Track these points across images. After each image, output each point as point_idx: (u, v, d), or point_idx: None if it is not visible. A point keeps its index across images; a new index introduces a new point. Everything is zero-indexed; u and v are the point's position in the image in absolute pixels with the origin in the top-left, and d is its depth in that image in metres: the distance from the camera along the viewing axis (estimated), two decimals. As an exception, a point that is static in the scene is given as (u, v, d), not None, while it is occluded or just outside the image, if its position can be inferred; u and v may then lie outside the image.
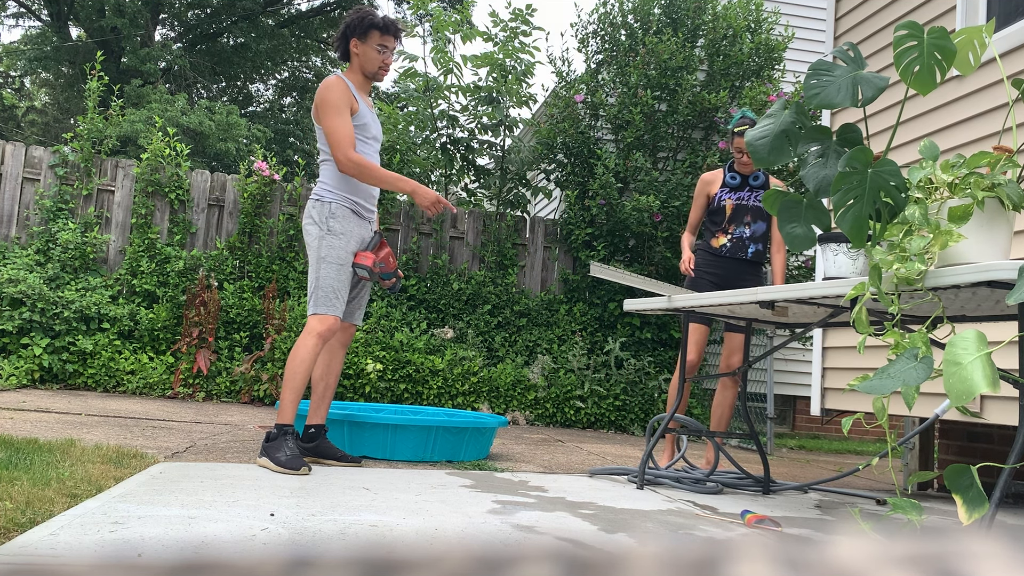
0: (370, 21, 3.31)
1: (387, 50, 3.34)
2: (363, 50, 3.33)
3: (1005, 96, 3.62)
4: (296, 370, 3.12)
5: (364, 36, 3.32)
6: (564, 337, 7.04)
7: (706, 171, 7.08)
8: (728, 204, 4.10)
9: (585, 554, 0.35)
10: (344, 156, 3.19)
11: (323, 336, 3.17)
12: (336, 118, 3.22)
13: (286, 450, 3.02)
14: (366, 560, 0.33)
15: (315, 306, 3.20)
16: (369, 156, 3.35)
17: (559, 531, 2.27)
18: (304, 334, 3.16)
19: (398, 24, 3.38)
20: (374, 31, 3.31)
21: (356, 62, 3.37)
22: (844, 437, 7.84)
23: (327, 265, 3.21)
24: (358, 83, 3.39)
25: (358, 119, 3.30)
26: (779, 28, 8.18)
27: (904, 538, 0.36)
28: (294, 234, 7.14)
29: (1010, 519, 3.20)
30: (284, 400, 3.14)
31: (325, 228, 3.22)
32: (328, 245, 3.22)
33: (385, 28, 3.32)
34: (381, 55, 3.33)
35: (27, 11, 19.79)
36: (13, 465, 2.54)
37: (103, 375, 6.00)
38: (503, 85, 7.49)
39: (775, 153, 2.30)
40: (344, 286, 3.24)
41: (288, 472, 2.95)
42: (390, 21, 3.35)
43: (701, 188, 4.23)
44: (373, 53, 3.32)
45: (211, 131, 15.31)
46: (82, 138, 6.84)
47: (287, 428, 3.10)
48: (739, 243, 4.09)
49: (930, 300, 2.18)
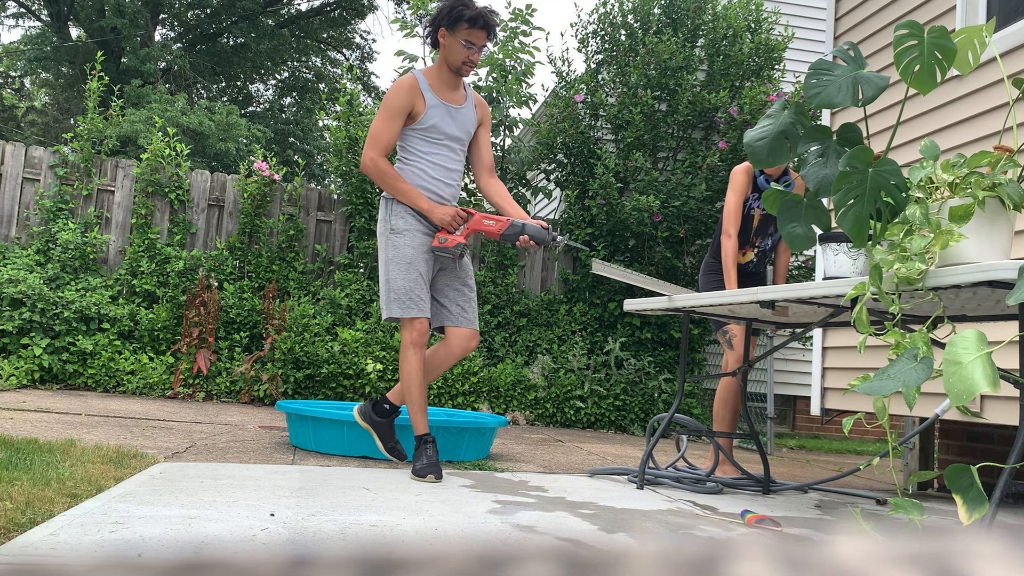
0: (460, 11, 3.11)
1: (473, 47, 3.14)
2: (449, 42, 3.15)
3: (1005, 96, 3.61)
4: (408, 386, 3.18)
5: (453, 27, 3.12)
6: (564, 337, 7.04)
7: (706, 171, 7.09)
8: (757, 214, 3.78)
9: (585, 554, 0.34)
10: (367, 156, 3.14)
11: (416, 343, 3.13)
12: (380, 119, 3.15)
13: (423, 458, 3.11)
14: (366, 560, 0.33)
15: (388, 309, 3.15)
16: (438, 156, 3.23)
17: (559, 531, 2.27)
18: (401, 349, 3.20)
19: (493, 20, 3.16)
20: (463, 24, 3.11)
21: (442, 53, 3.20)
22: (844, 437, 7.84)
23: (395, 265, 3.14)
24: (442, 78, 3.23)
25: (424, 121, 3.18)
26: (779, 28, 8.18)
27: (904, 538, 0.36)
28: (294, 234, 7.14)
29: (1010, 519, 3.20)
30: (410, 416, 3.21)
31: (388, 227, 3.18)
32: (392, 244, 3.16)
33: (473, 21, 3.10)
34: (467, 50, 3.14)
35: (27, 11, 19.79)
36: (13, 465, 2.54)
37: (103, 375, 6.00)
38: (503, 85, 7.49)
39: (774, 154, 2.31)
40: (417, 285, 3.13)
41: (417, 479, 3.05)
42: (484, 15, 3.12)
43: (744, 180, 3.75)
44: (458, 47, 3.14)
45: (211, 131, 15.31)
46: (82, 138, 6.84)
47: (422, 438, 3.17)
48: (763, 256, 3.85)
49: (930, 300, 2.18)
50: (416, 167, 3.22)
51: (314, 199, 7.37)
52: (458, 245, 3.11)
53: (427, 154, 3.22)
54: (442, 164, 3.25)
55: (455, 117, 3.25)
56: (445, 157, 3.25)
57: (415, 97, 3.17)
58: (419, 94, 3.17)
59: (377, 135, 3.14)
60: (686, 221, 7.11)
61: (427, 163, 3.23)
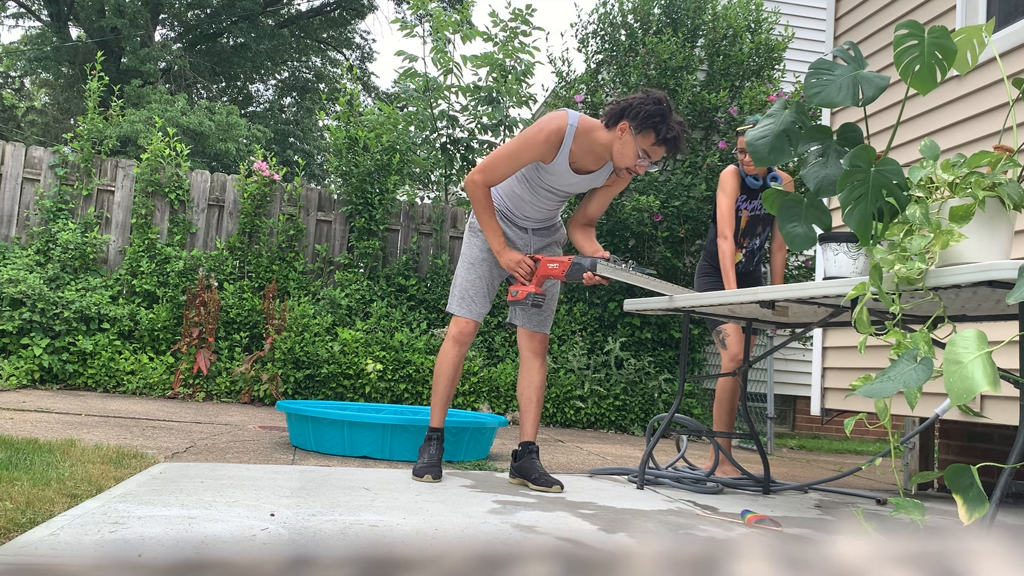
0: (656, 125, 2.81)
1: (647, 159, 2.87)
2: (627, 140, 2.85)
3: (1005, 95, 3.61)
4: (438, 375, 3.16)
5: (640, 130, 2.83)
6: (564, 337, 7.04)
7: (706, 171, 7.09)
8: (744, 215, 3.77)
9: (585, 554, 0.34)
10: (475, 178, 2.99)
11: (457, 339, 3.13)
12: (506, 153, 2.95)
13: (425, 456, 3.10)
14: (366, 560, 0.33)
15: (449, 305, 3.19)
16: (523, 201, 3.10)
17: (559, 531, 2.27)
18: (445, 339, 3.19)
19: (683, 144, 2.89)
20: (652, 134, 2.83)
21: (612, 140, 2.89)
22: (844, 437, 7.84)
23: (462, 263, 3.17)
24: (595, 150, 2.93)
25: (537, 170, 3.00)
26: (779, 28, 8.18)
27: (904, 537, 0.35)
28: (294, 234, 7.14)
29: (1010, 519, 3.20)
30: (431, 404, 3.19)
31: (469, 227, 3.20)
32: (467, 243, 3.18)
33: (664, 142, 2.84)
34: (638, 160, 2.87)
35: (27, 11, 19.79)
36: (13, 465, 2.54)
37: (103, 375, 6.00)
38: (503, 85, 7.49)
39: (775, 153, 2.30)
40: (474, 286, 3.12)
41: (415, 479, 3.02)
42: (678, 140, 2.85)
43: (734, 183, 3.73)
44: (631, 152, 2.86)
45: (211, 131, 15.31)
46: (82, 138, 6.84)
47: (431, 433, 3.15)
48: (751, 256, 3.85)
49: (931, 300, 2.18)
50: (504, 190, 3.14)
51: (314, 199, 7.37)
52: (529, 295, 3.04)
53: (520, 192, 3.10)
54: (532, 202, 3.12)
55: (576, 183, 3.05)
56: (538, 200, 3.11)
57: (549, 152, 2.92)
58: (554, 149, 2.92)
59: (493, 167, 2.97)
60: (686, 221, 7.11)
61: (512, 196, 3.13)
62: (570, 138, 2.91)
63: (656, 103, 2.81)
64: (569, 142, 2.91)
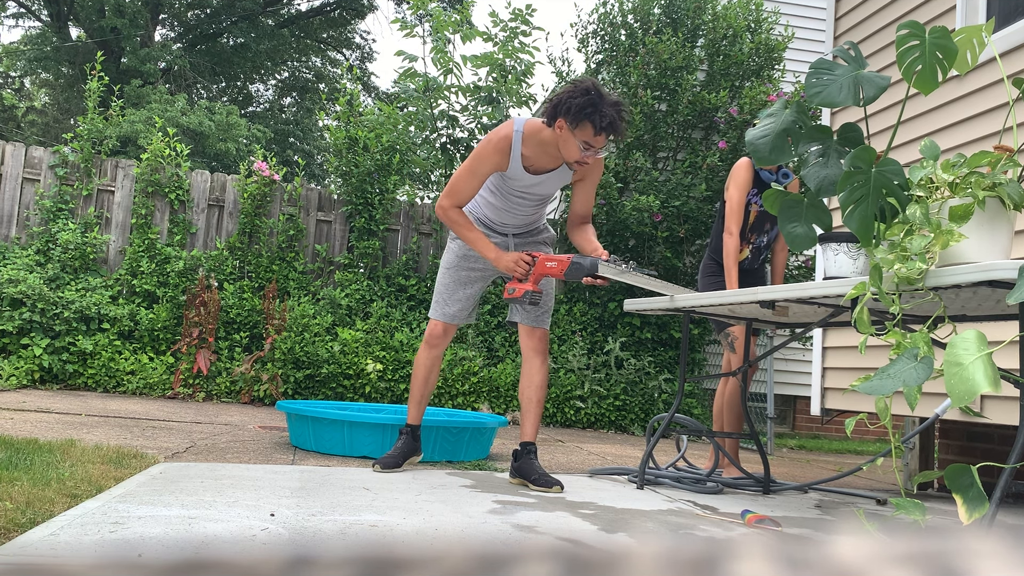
0: (589, 115, 2.79)
1: (592, 149, 2.86)
2: (566, 137, 2.86)
3: (1005, 95, 3.61)
4: (412, 376, 3.33)
5: (575, 125, 2.83)
6: (564, 337, 7.03)
7: (706, 171, 7.09)
8: (754, 210, 3.71)
9: (585, 554, 0.34)
10: (441, 205, 3.05)
11: (427, 341, 3.28)
12: (464, 172, 3.00)
13: (392, 449, 3.26)
14: (366, 560, 0.33)
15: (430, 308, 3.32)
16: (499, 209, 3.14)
17: (559, 531, 2.27)
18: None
19: (622, 127, 2.86)
20: (588, 126, 2.82)
21: (554, 138, 2.92)
22: (844, 437, 7.84)
23: (441, 269, 3.30)
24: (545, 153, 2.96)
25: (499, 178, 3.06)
26: (779, 28, 8.18)
27: (904, 537, 0.35)
28: (294, 234, 7.14)
29: (1010, 519, 3.20)
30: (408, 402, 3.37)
31: (451, 235, 3.28)
32: (447, 250, 3.29)
33: (602, 131, 2.82)
34: (583, 152, 2.87)
35: (27, 11, 19.79)
36: (13, 465, 2.54)
37: (103, 375, 6.00)
38: (503, 85, 7.49)
39: (776, 152, 2.31)
40: (449, 290, 3.24)
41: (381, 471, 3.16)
42: (615, 124, 2.82)
43: (747, 175, 3.67)
44: (574, 146, 2.86)
45: (211, 131, 15.31)
46: (82, 138, 6.84)
47: (403, 428, 3.32)
48: (757, 253, 3.81)
49: (931, 300, 2.18)
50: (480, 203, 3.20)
51: (314, 199, 7.37)
52: (527, 293, 3.03)
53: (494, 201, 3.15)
54: (507, 209, 3.15)
55: (540, 183, 3.07)
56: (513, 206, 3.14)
57: (501, 160, 2.97)
58: (506, 157, 2.97)
59: (457, 190, 3.01)
60: (686, 221, 7.11)
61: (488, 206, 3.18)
62: (518, 143, 2.95)
63: (584, 94, 2.79)
64: (519, 147, 2.96)
